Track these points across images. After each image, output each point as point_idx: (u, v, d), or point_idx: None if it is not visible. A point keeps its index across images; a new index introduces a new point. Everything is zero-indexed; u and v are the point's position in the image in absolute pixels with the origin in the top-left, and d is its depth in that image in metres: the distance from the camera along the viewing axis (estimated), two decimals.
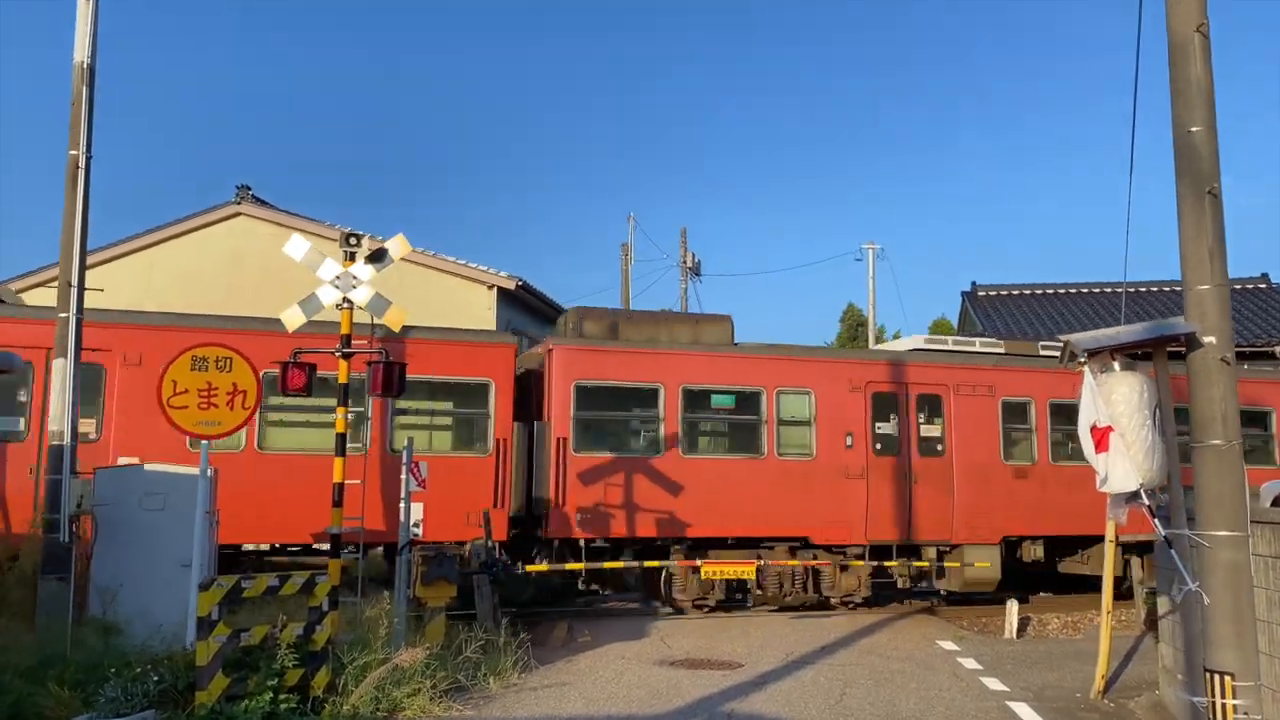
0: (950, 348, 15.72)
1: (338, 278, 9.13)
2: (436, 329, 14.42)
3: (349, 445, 9.46)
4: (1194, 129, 6.67)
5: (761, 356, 14.24)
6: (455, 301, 23.24)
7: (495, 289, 23.02)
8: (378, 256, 9.24)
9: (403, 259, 23.08)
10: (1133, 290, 28.21)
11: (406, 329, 13.51)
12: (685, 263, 31.67)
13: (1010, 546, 15.17)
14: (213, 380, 8.83)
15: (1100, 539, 11.89)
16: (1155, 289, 27.94)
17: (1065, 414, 14.89)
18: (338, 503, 8.92)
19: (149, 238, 23.79)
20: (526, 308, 25.00)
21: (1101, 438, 6.99)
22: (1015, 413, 15.27)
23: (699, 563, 12.07)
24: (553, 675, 9.89)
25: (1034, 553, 15.27)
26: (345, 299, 9.19)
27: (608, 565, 12.47)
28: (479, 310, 23.11)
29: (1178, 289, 27.96)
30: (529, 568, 11.94)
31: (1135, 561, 14.70)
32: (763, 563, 12.45)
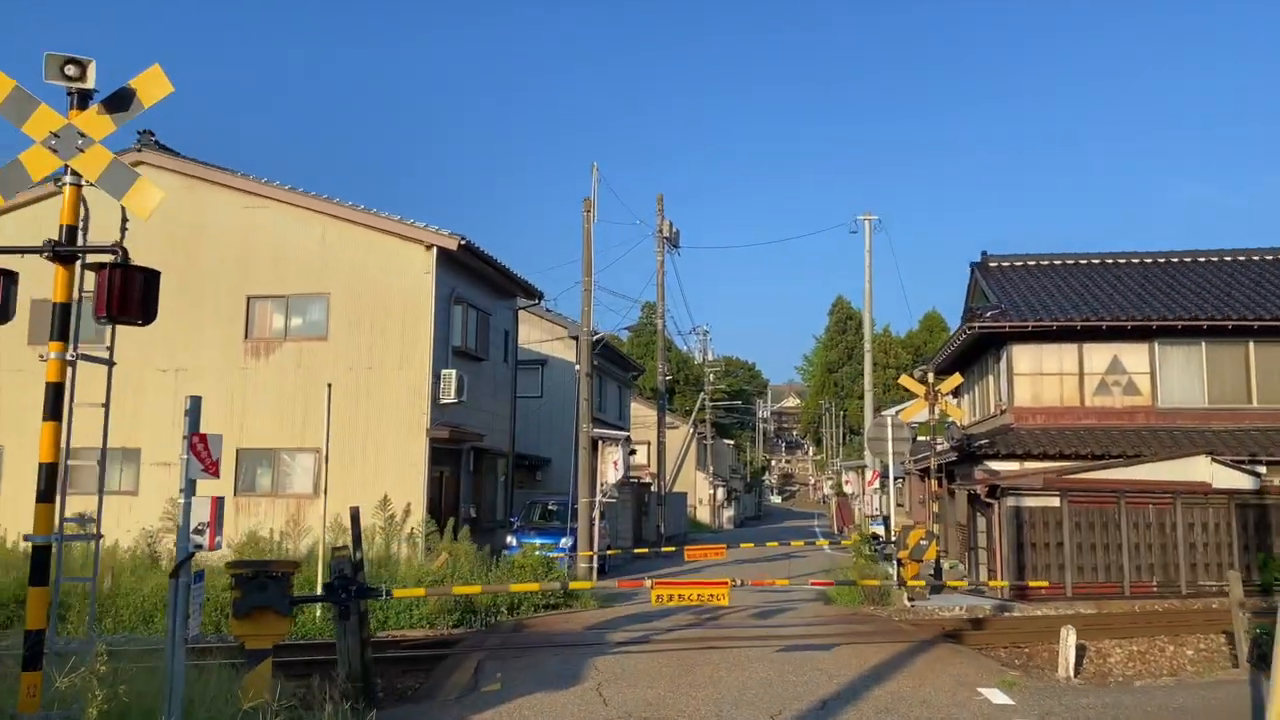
0: None
1: (55, 135, 5.74)
2: None
3: None
4: None
5: None
6: (390, 265, 19.91)
7: (435, 249, 19.66)
8: (119, 103, 5.83)
9: (329, 214, 19.91)
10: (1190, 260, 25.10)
11: None
12: (662, 231, 28.37)
13: None
14: None
15: None
16: (1216, 259, 24.93)
17: None
18: (45, 496, 5.60)
19: (23, 195, 20.25)
20: (472, 273, 21.66)
21: None
22: None
23: (647, 582, 8.66)
24: None
25: None
26: (68, 169, 5.82)
27: (531, 587, 9.14)
28: (415, 274, 19.76)
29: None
30: (397, 592, 8.57)
31: (1233, 577, 11.39)
32: (739, 584, 9.00)
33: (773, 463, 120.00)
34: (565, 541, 19.92)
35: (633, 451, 40.28)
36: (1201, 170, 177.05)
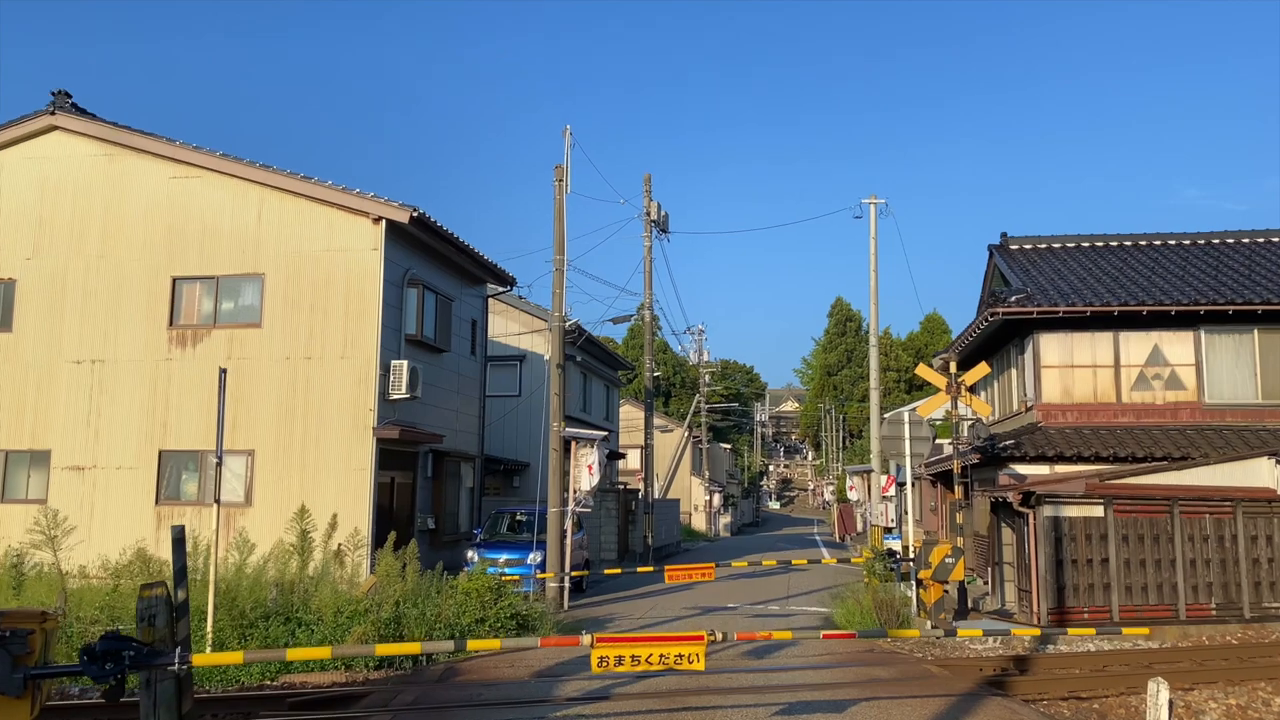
0: None
1: None
2: None
3: None
4: None
5: None
6: (333, 241, 17.44)
7: (383, 223, 17.19)
8: None
9: (266, 185, 17.43)
10: (1213, 241, 22.71)
11: None
12: (649, 214, 25.91)
13: None
14: None
15: None
16: (1263, 239, 22.56)
17: None
18: None
19: None
20: (431, 253, 19.18)
21: None
22: None
23: (586, 638, 6.00)
24: None
25: None
26: None
27: (409, 649, 6.61)
28: (360, 251, 17.30)
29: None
30: (200, 659, 5.88)
31: None
32: (716, 637, 6.33)
33: (771, 468, 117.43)
34: (534, 557, 17.43)
35: (621, 455, 37.81)
36: (1201, 174, 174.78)
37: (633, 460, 42.93)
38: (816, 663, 10.29)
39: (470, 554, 17.82)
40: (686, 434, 54.40)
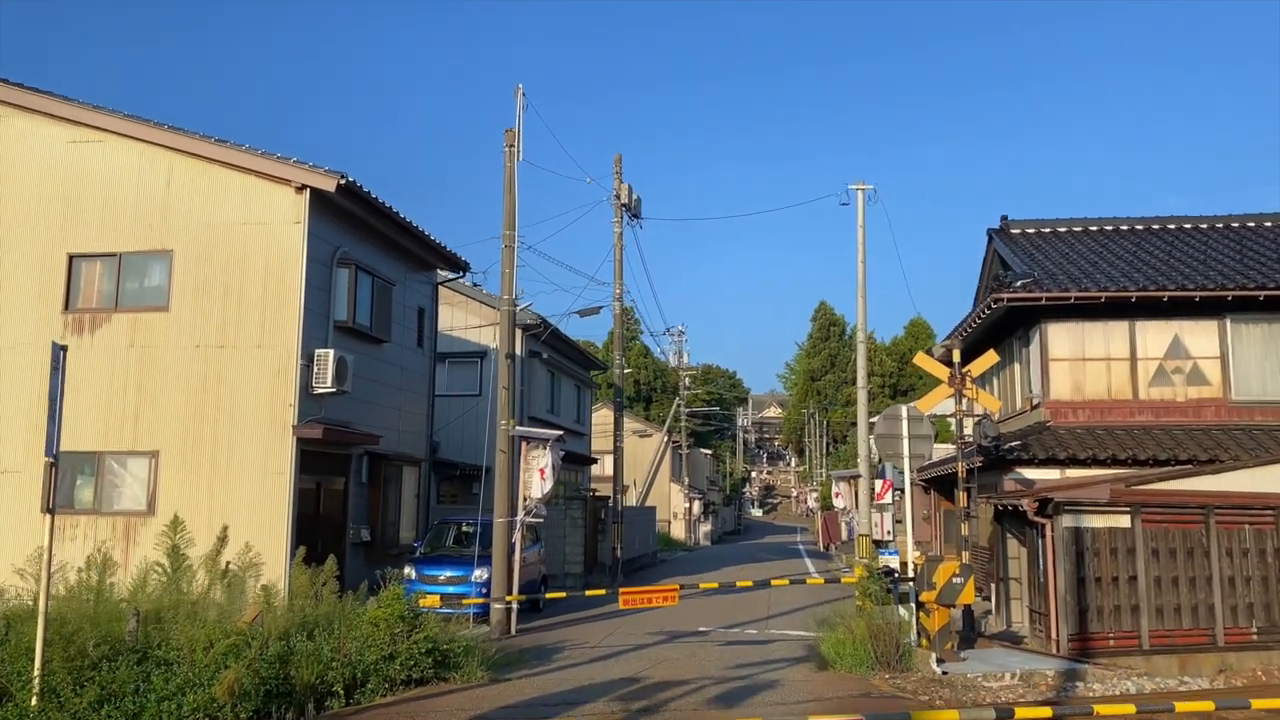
0: None
1: None
2: None
3: None
4: None
5: None
6: (250, 213, 15.29)
7: (307, 191, 15.04)
8: None
9: (177, 150, 15.17)
10: (1230, 225, 20.87)
11: None
12: (619, 196, 23.84)
13: None
14: None
15: None
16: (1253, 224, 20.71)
17: None
18: None
19: None
20: (368, 231, 16.99)
21: None
22: None
23: None
24: None
25: None
26: None
27: None
28: (281, 225, 15.13)
29: None
30: None
31: None
32: None
33: (754, 474, 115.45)
34: (479, 574, 15.29)
35: (594, 460, 35.68)
36: (1186, 182, 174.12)
37: (607, 466, 40.82)
38: (798, 713, 8.22)
39: (408, 570, 15.67)
40: (666, 439, 52.35)
